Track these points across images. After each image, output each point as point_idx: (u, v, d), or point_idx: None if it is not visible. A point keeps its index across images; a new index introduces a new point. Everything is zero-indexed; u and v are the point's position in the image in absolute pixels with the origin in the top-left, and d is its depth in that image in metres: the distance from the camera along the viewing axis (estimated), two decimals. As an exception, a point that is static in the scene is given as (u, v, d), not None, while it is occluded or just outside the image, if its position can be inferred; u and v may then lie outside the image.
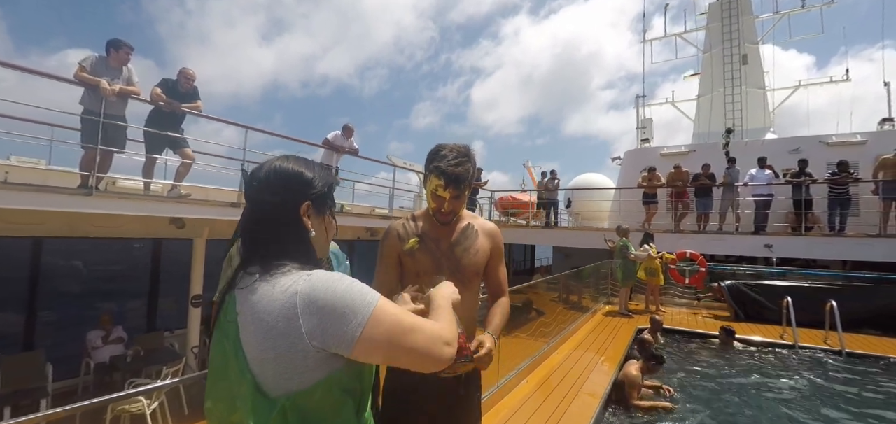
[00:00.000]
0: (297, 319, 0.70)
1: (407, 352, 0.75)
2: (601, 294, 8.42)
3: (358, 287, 0.75)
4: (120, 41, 4.46)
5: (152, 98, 4.78)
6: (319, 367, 0.72)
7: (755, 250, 8.42)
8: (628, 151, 13.56)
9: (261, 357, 0.71)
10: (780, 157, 9.94)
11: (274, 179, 0.82)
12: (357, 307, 0.72)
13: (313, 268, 0.78)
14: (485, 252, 1.57)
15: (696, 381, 4.82)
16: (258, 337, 0.71)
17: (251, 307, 0.73)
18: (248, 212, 0.83)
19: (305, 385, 0.71)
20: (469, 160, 1.48)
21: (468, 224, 1.58)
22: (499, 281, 1.63)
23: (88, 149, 4.27)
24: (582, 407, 3.60)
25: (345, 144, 7.36)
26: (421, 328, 0.77)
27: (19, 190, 4.11)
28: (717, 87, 13.44)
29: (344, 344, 0.70)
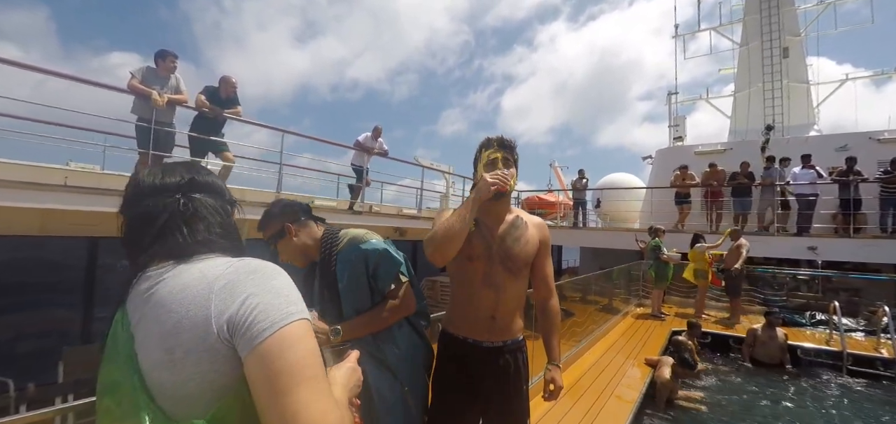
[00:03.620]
0: (211, 303, 0.57)
1: (288, 415, 0.53)
2: (632, 295, 8.25)
3: (289, 288, 0.62)
4: (166, 51, 4.74)
5: (197, 105, 5.06)
6: (231, 372, 0.57)
7: (798, 252, 8.02)
8: (660, 150, 13.18)
9: (163, 362, 0.57)
10: (825, 155, 9.42)
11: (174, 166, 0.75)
12: (276, 306, 0.58)
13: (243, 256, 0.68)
14: (534, 243, 1.61)
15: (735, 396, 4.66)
16: (160, 337, 0.58)
17: (154, 306, 0.60)
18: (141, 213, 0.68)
19: (217, 398, 0.57)
20: (514, 143, 1.62)
21: (517, 216, 1.64)
22: (546, 276, 1.67)
23: (142, 155, 4.58)
24: (615, 411, 3.57)
25: (374, 146, 7.53)
26: (325, 394, 0.56)
27: (78, 192, 4.49)
28: (755, 83, 12.86)
29: (246, 340, 0.56)
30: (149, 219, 0.67)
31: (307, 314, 0.61)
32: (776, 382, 5.02)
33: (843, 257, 7.64)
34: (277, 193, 6.12)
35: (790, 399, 4.58)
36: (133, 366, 0.59)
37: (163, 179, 0.70)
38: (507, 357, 1.55)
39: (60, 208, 4.28)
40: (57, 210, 4.29)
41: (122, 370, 0.60)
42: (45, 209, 4.21)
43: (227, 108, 5.26)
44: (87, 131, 6.32)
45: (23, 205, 4.04)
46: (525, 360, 1.63)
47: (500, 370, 1.54)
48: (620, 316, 7.00)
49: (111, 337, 0.65)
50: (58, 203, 4.23)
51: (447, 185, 11.34)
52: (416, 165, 9.29)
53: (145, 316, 0.61)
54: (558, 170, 20.78)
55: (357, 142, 7.50)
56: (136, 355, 0.60)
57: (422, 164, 9.23)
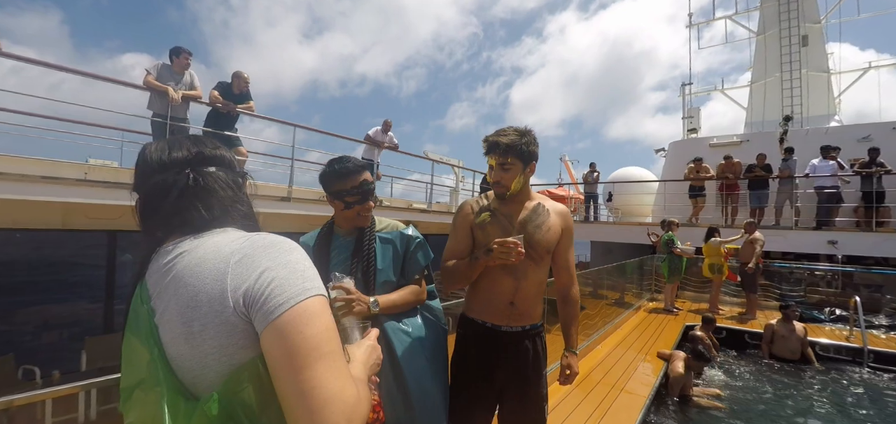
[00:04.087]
0: (227, 277, 0.58)
1: (305, 391, 0.53)
2: (645, 290, 8.16)
3: (306, 264, 0.61)
4: (180, 48, 4.81)
5: (211, 100, 5.13)
6: (248, 345, 0.58)
7: (817, 247, 7.84)
8: (673, 142, 12.96)
9: (183, 336, 0.58)
10: (847, 146, 9.15)
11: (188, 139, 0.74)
12: (294, 282, 0.58)
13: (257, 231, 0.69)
14: (556, 231, 1.60)
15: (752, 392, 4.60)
16: (179, 311, 0.59)
17: (173, 280, 0.61)
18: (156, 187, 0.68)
19: (229, 369, 0.58)
20: (517, 133, 1.53)
21: (538, 203, 1.62)
22: (568, 264, 1.67)
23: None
24: (628, 405, 3.55)
25: (384, 139, 7.55)
26: (342, 372, 0.56)
27: (98, 186, 4.62)
28: (773, 72, 12.53)
29: (263, 315, 0.56)
30: (161, 195, 0.67)
31: (323, 290, 0.61)
32: (795, 378, 4.93)
33: (864, 251, 7.44)
34: (289, 187, 6.19)
35: (809, 395, 4.50)
36: (154, 339, 0.61)
37: (170, 154, 0.69)
38: (525, 342, 1.58)
39: (81, 202, 4.41)
40: (78, 203, 4.42)
41: (144, 342, 0.61)
42: (66, 203, 4.34)
43: (239, 104, 5.33)
44: (104, 129, 6.48)
45: (45, 199, 4.18)
46: (544, 346, 1.65)
47: (518, 354, 1.57)
48: (632, 311, 6.94)
49: (132, 310, 0.66)
50: (78, 196, 4.36)
51: (457, 179, 11.34)
52: (426, 159, 9.30)
53: (164, 289, 0.62)
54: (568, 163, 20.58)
55: (367, 135, 7.54)
56: (156, 328, 0.61)
57: (432, 158, 9.24)
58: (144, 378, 0.60)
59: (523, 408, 1.59)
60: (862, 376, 4.97)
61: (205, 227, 0.66)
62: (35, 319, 5.13)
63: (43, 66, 4.35)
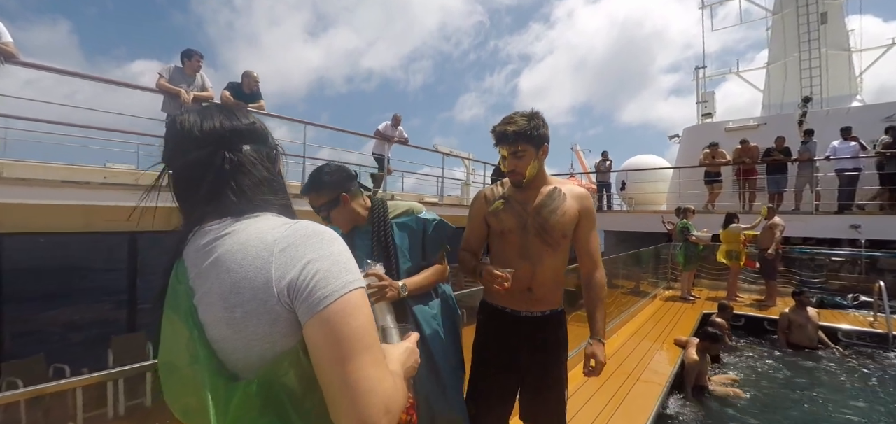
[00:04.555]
0: (271, 266, 0.58)
1: (348, 382, 0.55)
2: (661, 278, 8.05)
3: (348, 256, 0.62)
4: (192, 51, 4.88)
5: (222, 101, 5.20)
6: (290, 333, 0.59)
7: (839, 231, 7.62)
8: (688, 128, 12.69)
9: (224, 320, 0.59)
10: (869, 127, 8.83)
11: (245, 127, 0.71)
12: (337, 275, 0.59)
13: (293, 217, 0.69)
14: (573, 214, 1.57)
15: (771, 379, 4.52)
16: (221, 297, 0.59)
17: (213, 263, 0.61)
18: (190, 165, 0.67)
19: (272, 355, 0.59)
20: (525, 117, 1.50)
21: (555, 188, 1.60)
22: (590, 248, 1.62)
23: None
24: (642, 395, 3.52)
25: (394, 133, 7.57)
26: (380, 365, 0.58)
27: (118, 189, 4.73)
28: (791, 52, 12.16)
29: (307, 307, 0.57)
30: (196, 173, 0.66)
31: (363, 282, 0.62)
32: (814, 364, 4.84)
33: (889, 235, 7.21)
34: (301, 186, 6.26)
35: (829, 381, 4.41)
36: (193, 320, 0.62)
37: (202, 127, 0.67)
38: (545, 327, 1.59)
39: (102, 205, 4.52)
40: (98, 206, 4.54)
41: (183, 320, 0.63)
42: (87, 206, 4.46)
43: (250, 103, 5.39)
44: (121, 133, 6.64)
45: (66, 203, 4.29)
46: (564, 331, 1.65)
47: (538, 339, 1.58)
48: (648, 299, 6.86)
49: (170, 288, 0.67)
50: (99, 200, 4.48)
51: (467, 172, 11.30)
52: (437, 152, 9.30)
53: (204, 272, 0.62)
54: (580, 153, 20.36)
55: (377, 130, 7.57)
56: (195, 309, 0.62)
57: (442, 151, 9.22)
58: (184, 356, 0.62)
59: (543, 392, 1.60)
60: (886, 359, 4.84)
61: (243, 212, 0.65)
62: (62, 321, 5.31)
63: (61, 74, 4.46)
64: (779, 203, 8.64)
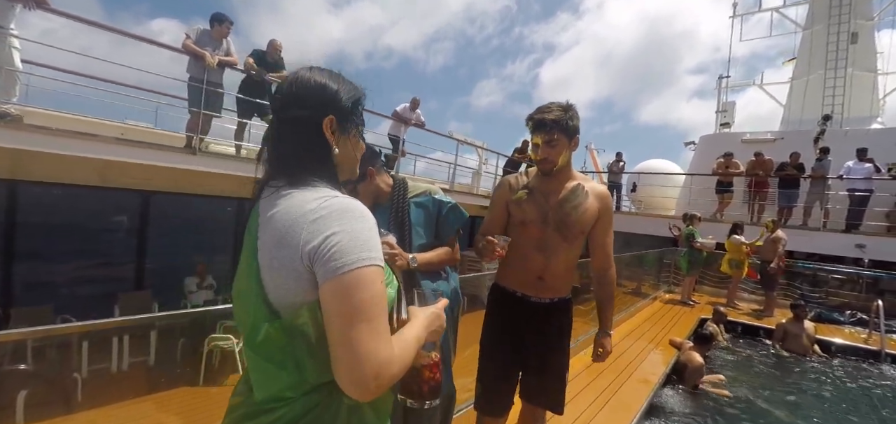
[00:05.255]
0: (302, 232, 0.67)
1: (346, 343, 0.63)
2: (662, 281, 8.11)
3: (368, 234, 0.69)
4: (222, 15, 4.94)
5: (246, 67, 5.27)
6: (310, 290, 0.68)
7: (845, 250, 7.61)
8: (704, 136, 12.57)
9: (268, 265, 0.71)
10: (886, 150, 8.72)
11: (296, 92, 0.78)
12: (351, 250, 0.66)
13: (339, 189, 0.77)
14: (592, 212, 1.60)
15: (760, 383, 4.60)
16: (269, 246, 0.71)
17: (270, 218, 0.72)
18: (272, 128, 0.80)
19: (295, 304, 0.69)
20: (561, 108, 1.55)
21: (578, 184, 1.62)
22: (605, 245, 1.66)
23: (193, 113, 4.85)
24: (634, 390, 3.61)
25: (411, 117, 7.61)
26: (380, 336, 0.65)
27: (134, 146, 4.76)
28: (817, 69, 11.93)
29: (323, 272, 0.65)
30: (274, 133, 0.79)
31: (381, 261, 0.69)
32: (802, 368, 4.96)
33: (893, 257, 7.19)
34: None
35: (816, 388, 4.54)
36: (254, 255, 0.74)
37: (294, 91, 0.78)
38: (553, 312, 1.65)
39: (117, 160, 4.52)
40: (113, 162, 4.55)
41: (249, 257, 0.75)
42: (102, 160, 4.45)
43: (273, 72, 5.45)
44: (141, 90, 6.70)
45: (82, 155, 4.27)
46: (570, 318, 1.71)
47: (545, 324, 1.65)
48: (649, 301, 6.94)
49: (247, 229, 0.79)
50: (115, 154, 4.49)
51: (480, 162, 11.32)
52: (451, 139, 9.33)
53: (266, 222, 0.73)
54: (594, 152, 20.20)
55: (395, 112, 7.61)
56: (257, 250, 0.74)
57: (457, 138, 9.26)
58: (245, 284, 0.75)
59: (545, 373, 1.66)
60: (875, 371, 4.93)
61: (303, 180, 0.75)
62: (71, 273, 5.40)
63: (94, 26, 4.43)
64: (787, 217, 8.62)
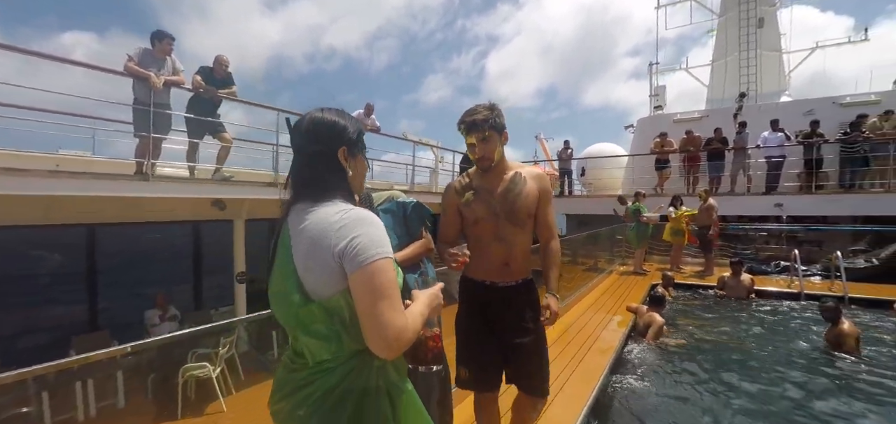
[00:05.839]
0: (331, 238, 0.87)
1: (372, 316, 0.84)
2: (616, 256, 8.74)
3: (381, 235, 0.90)
4: (163, 32, 4.80)
5: (194, 85, 5.13)
6: (342, 281, 0.89)
7: (766, 209, 8.64)
8: (641, 119, 13.61)
9: (304, 265, 0.90)
10: (794, 120, 9.96)
11: (314, 130, 0.99)
12: (370, 248, 0.87)
13: (352, 203, 0.97)
14: (534, 195, 1.75)
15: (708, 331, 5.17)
16: (304, 250, 0.90)
17: (302, 228, 0.92)
18: (296, 160, 1.01)
19: (331, 293, 0.89)
20: (487, 108, 1.69)
21: (516, 172, 1.77)
22: (548, 221, 1.82)
23: (142, 138, 4.67)
24: (598, 354, 3.93)
25: (367, 122, 7.70)
26: (396, 309, 0.87)
27: (76, 178, 4.32)
28: (732, 52, 13.29)
29: (350, 265, 0.86)
30: (297, 164, 1.00)
31: (391, 254, 0.91)
32: (741, 315, 5.72)
33: (806, 212, 8.25)
34: (275, 174, 6.25)
35: (753, 326, 5.28)
36: (290, 260, 0.94)
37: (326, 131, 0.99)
38: (520, 292, 1.78)
39: (54, 194, 4.17)
40: (57, 196, 4.21)
41: (286, 262, 0.95)
42: (45, 196, 4.11)
43: (221, 88, 5.35)
44: (75, 117, 6.23)
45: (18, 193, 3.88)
46: (535, 294, 1.84)
47: (516, 304, 1.77)
48: (605, 275, 7.48)
49: (282, 238, 0.98)
50: (52, 189, 4.11)
51: (436, 160, 11.55)
52: (406, 140, 9.49)
53: (298, 233, 0.94)
54: (543, 141, 21.12)
55: (351, 118, 7.63)
56: (292, 256, 0.94)
57: (411, 140, 9.43)
58: (284, 283, 0.94)
59: (526, 347, 1.76)
60: (799, 306, 5.83)
61: (325, 198, 0.96)
62: (16, 323, 4.95)
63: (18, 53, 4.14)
64: (717, 186, 9.59)
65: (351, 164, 1.02)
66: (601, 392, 3.30)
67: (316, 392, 0.92)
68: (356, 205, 0.97)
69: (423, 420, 1.05)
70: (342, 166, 1.00)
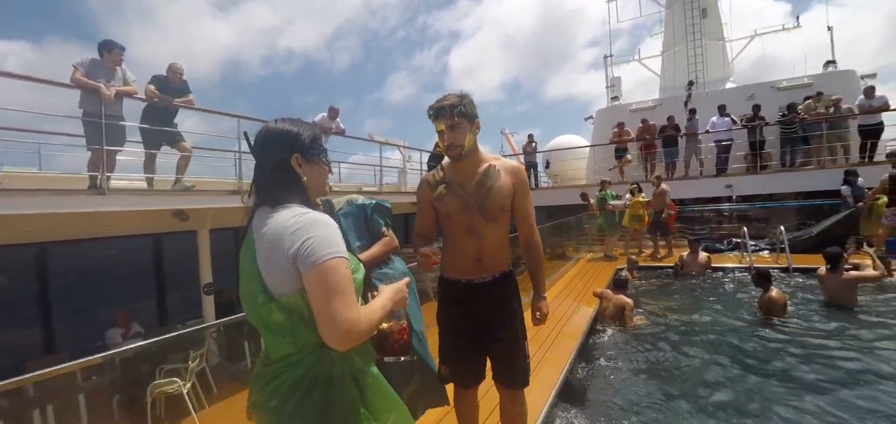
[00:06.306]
0: (286, 241, 0.93)
1: (325, 311, 0.90)
2: (583, 243, 9.08)
3: (332, 236, 0.96)
4: (112, 43, 4.60)
5: (148, 95, 4.95)
6: (297, 281, 0.94)
7: (718, 191, 9.26)
8: (600, 110, 14.15)
9: (266, 267, 0.97)
10: (738, 104, 10.66)
11: (266, 140, 1.06)
12: (320, 248, 0.92)
13: (310, 207, 1.02)
14: (507, 189, 1.70)
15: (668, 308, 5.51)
16: (264, 253, 0.97)
17: (262, 233, 0.98)
18: (255, 168, 1.07)
19: (289, 292, 0.95)
20: (457, 96, 1.64)
21: (490, 165, 1.72)
22: (526, 215, 1.78)
23: (95, 150, 4.46)
24: (567, 338, 4.06)
25: (331, 126, 7.63)
26: (349, 304, 0.92)
27: (24, 194, 4.09)
28: (680, 42, 14.04)
29: (303, 266, 0.92)
30: (272, 171, 1.05)
31: (344, 253, 0.97)
32: (700, 290, 6.16)
33: (753, 191, 8.90)
34: (238, 182, 6.12)
35: (710, 299, 5.70)
36: (255, 262, 1.00)
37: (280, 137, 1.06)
38: (497, 287, 1.75)
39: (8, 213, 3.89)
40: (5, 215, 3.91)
41: (251, 264, 1.01)
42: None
43: (177, 97, 5.18)
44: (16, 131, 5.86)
45: None
46: (515, 286, 1.82)
47: (492, 299, 1.75)
48: (573, 262, 7.76)
49: (246, 243, 1.05)
50: None
51: (404, 159, 11.57)
52: (372, 142, 9.47)
53: (260, 237, 1.00)
54: (509, 136, 21.51)
55: (314, 122, 7.54)
56: (256, 257, 1.00)
57: (378, 141, 9.42)
58: (250, 285, 1.01)
59: (504, 342, 1.76)
60: (744, 280, 6.30)
61: (281, 203, 1.02)
62: None
63: None
64: (672, 171, 10.15)
65: (306, 170, 1.06)
66: (570, 374, 3.43)
67: (285, 383, 0.99)
68: (313, 210, 1.02)
69: (391, 401, 1.09)
70: (296, 172, 1.05)
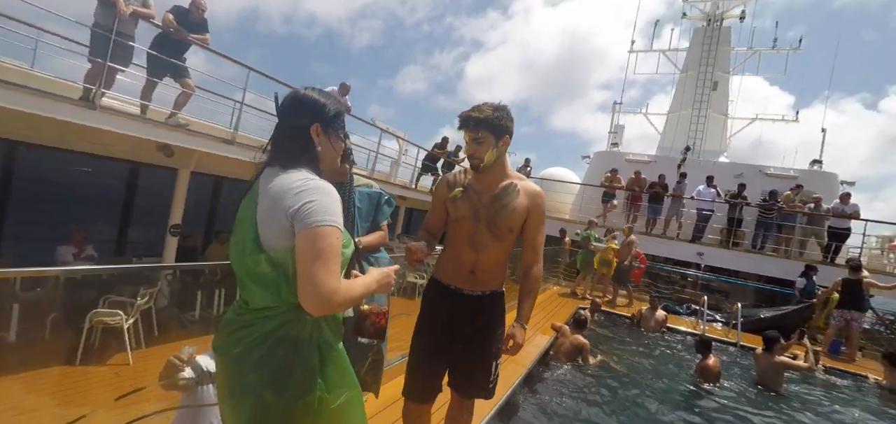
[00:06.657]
0: (288, 199, 0.97)
1: (308, 273, 0.93)
2: (552, 275, 9.29)
3: (332, 205, 1.00)
4: (138, -38, 4.56)
5: (165, 23, 4.90)
6: (291, 239, 0.98)
7: (689, 256, 9.61)
8: (598, 151, 14.49)
9: (264, 220, 1.01)
10: (726, 179, 11.08)
11: (293, 105, 1.10)
12: (318, 213, 0.96)
13: (318, 175, 1.06)
14: (522, 211, 1.66)
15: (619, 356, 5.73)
16: (265, 206, 1.01)
17: (268, 188, 1.02)
18: (276, 128, 1.12)
19: (279, 247, 0.99)
20: (492, 109, 1.61)
21: (511, 182, 1.68)
22: (535, 243, 1.70)
23: (95, 63, 4.43)
24: (515, 364, 4.01)
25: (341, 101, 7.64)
26: (331, 272, 0.95)
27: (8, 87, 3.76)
28: (686, 107, 14.48)
29: (299, 225, 0.96)
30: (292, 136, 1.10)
31: (340, 225, 1.00)
32: (653, 345, 6.40)
33: (721, 264, 9.26)
34: (234, 132, 6.05)
35: (660, 357, 5.97)
36: (253, 213, 1.05)
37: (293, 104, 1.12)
38: (484, 304, 1.72)
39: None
40: None
41: (248, 212, 1.07)
42: None
43: (194, 32, 5.14)
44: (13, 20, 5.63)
45: None
46: (502, 310, 1.78)
47: (476, 315, 1.72)
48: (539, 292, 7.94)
49: (251, 194, 1.10)
50: None
51: (400, 152, 11.63)
52: (373, 126, 9.51)
53: (264, 193, 1.05)
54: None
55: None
56: (256, 209, 1.05)
57: (379, 127, 9.47)
58: (246, 231, 1.06)
59: (473, 366, 1.73)
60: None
61: (292, 166, 1.06)
62: None
63: None
64: (653, 226, 10.48)
65: (322, 141, 1.11)
66: (511, 397, 3.51)
67: (252, 334, 1.02)
68: (322, 178, 1.06)
69: (349, 379, 1.12)
70: (313, 141, 1.10)
